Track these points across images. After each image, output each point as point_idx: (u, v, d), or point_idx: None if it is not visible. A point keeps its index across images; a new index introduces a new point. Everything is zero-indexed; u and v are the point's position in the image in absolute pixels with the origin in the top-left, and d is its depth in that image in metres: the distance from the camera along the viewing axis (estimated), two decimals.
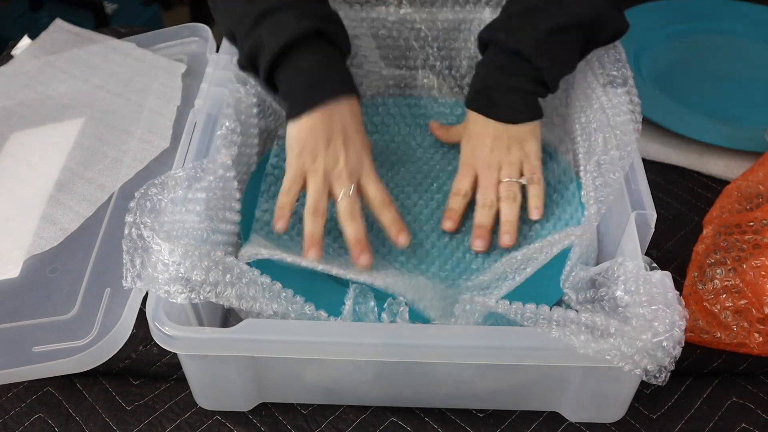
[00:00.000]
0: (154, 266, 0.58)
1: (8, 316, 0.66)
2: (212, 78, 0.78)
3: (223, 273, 0.58)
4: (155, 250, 0.58)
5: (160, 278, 0.57)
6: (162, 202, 0.63)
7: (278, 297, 0.59)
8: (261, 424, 0.66)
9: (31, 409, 0.68)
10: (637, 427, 0.66)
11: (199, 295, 0.57)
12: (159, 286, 0.57)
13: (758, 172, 0.77)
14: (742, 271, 0.67)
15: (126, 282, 0.58)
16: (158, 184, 0.63)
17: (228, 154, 0.68)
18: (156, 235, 0.58)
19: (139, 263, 0.58)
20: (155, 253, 0.58)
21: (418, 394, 0.66)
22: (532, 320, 0.57)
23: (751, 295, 0.67)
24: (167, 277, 0.57)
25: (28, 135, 0.86)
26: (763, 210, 0.70)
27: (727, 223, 0.72)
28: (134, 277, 0.58)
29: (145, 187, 0.63)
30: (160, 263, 0.58)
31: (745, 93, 0.98)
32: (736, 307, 0.67)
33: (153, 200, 0.62)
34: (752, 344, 0.66)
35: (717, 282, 0.68)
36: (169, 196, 0.63)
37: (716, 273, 0.69)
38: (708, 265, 0.70)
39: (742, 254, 0.68)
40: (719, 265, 0.69)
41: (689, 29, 1.08)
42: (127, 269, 0.58)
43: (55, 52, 0.96)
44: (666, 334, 0.54)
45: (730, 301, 0.67)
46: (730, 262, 0.69)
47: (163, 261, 0.58)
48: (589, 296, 0.61)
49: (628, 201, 0.65)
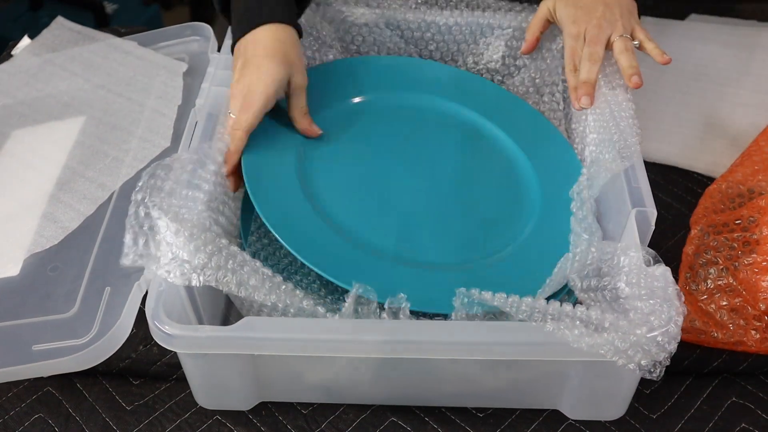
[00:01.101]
0: (158, 246, 0.58)
1: (8, 314, 0.66)
2: (213, 77, 0.78)
3: (225, 259, 0.58)
4: (161, 230, 0.58)
5: (162, 258, 0.57)
6: (168, 184, 0.63)
7: (278, 289, 0.59)
8: (261, 424, 0.66)
9: (31, 409, 0.68)
10: (637, 426, 0.66)
11: (198, 279, 0.57)
12: (159, 265, 0.57)
13: (737, 173, 0.78)
14: (734, 269, 0.68)
15: (127, 260, 0.58)
16: (165, 165, 0.63)
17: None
18: (165, 215, 0.58)
19: (142, 242, 0.58)
20: (161, 233, 0.58)
21: (418, 392, 0.66)
22: (527, 314, 0.57)
23: (745, 292, 0.67)
24: (169, 257, 0.57)
25: (29, 133, 0.86)
26: (749, 207, 0.70)
27: (714, 222, 0.72)
28: (136, 255, 0.58)
29: (152, 167, 0.63)
30: (164, 243, 0.58)
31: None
32: (732, 306, 0.67)
33: (162, 180, 0.63)
34: (750, 342, 0.66)
35: (710, 282, 0.68)
36: (175, 178, 0.63)
37: (709, 273, 0.69)
38: (700, 265, 0.70)
39: (733, 252, 0.69)
40: (711, 265, 0.69)
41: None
42: (128, 247, 0.58)
43: (57, 50, 0.96)
44: (661, 330, 0.54)
45: (725, 300, 0.67)
46: (722, 261, 0.69)
47: (167, 241, 0.57)
48: (592, 284, 0.62)
49: (628, 198, 0.65)
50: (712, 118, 0.95)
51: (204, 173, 0.67)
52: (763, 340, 0.66)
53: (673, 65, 1.03)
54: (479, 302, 0.60)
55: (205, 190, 0.65)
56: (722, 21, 1.11)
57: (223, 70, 0.79)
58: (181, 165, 0.65)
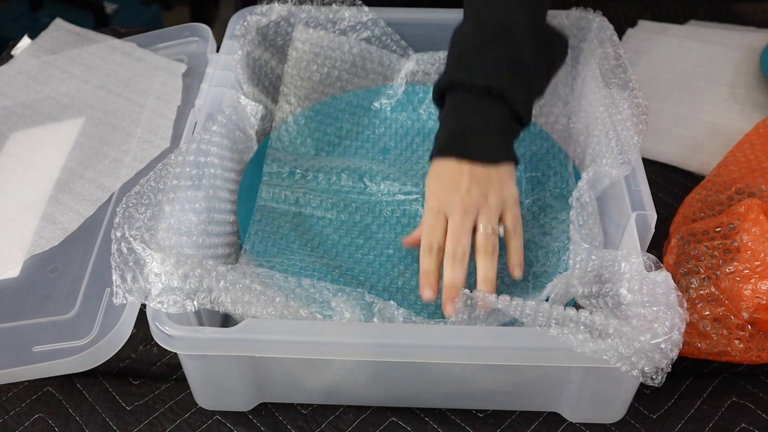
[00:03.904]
0: (146, 278, 0.57)
1: (8, 315, 0.66)
2: (212, 78, 0.78)
3: (216, 280, 0.58)
4: (147, 262, 0.57)
5: (152, 290, 0.57)
6: (147, 211, 0.62)
7: (272, 302, 0.59)
8: (261, 424, 0.66)
9: (31, 409, 0.68)
10: (637, 427, 0.66)
11: (193, 303, 0.57)
12: (152, 298, 0.57)
13: (715, 182, 0.78)
14: (716, 278, 0.67)
15: (117, 299, 0.57)
16: (137, 193, 0.62)
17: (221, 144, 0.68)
18: (147, 247, 0.58)
19: (131, 278, 0.57)
20: (147, 265, 0.57)
21: (418, 394, 0.66)
22: (531, 318, 0.57)
23: (728, 302, 0.66)
24: (160, 287, 0.57)
25: (29, 135, 0.86)
26: (729, 214, 0.70)
27: (694, 230, 0.71)
28: (125, 292, 0.57)
29: (125, 199, 0.62)
30: (151, 274, 0.57)
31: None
32: (714, 315, 0.66)
33: (137, 208, 0.62)
34: (734, 352, 0.65)
35: (692, 291, 0.67)
36: (150, 202, 0.62)
37: (691, 282, 0.68)
38: (681, 275, 0.69)
39: (714, 261, 0.68)
40: (693, 275, 0.68)
41: None
42: (117, 286, 0.57)
43: (56, 52, 0.96)
44: (664, 337, 0.54)
45: (708, 310, 0.66)
46: (704, 271, 0.68)
47: (155, 272, 0.57)
48: (594, 291, 0.62)
49: (628, 202, 0.65)
50: (709, 118, 0.95)
51: (194, 189, 0.66)
52: (747, 350, 0.65)
53: (672, 65, 1.03)
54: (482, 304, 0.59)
55: (197, 198, 0.65)
56: (722, 27, 1.11)
57: (222, 70, 0.79)
58: (153, 186, 0.64)
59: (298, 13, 0.87)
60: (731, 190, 0.76)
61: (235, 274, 0.59)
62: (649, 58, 1.04)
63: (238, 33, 0.83)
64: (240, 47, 0.81)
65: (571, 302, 0.65)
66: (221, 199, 0.71)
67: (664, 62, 1.04)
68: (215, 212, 0.69)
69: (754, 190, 0.76)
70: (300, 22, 0.87)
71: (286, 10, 0.87)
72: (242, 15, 0.86)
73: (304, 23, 0.87)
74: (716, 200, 0.76)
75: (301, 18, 0.87)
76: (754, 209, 0.68)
